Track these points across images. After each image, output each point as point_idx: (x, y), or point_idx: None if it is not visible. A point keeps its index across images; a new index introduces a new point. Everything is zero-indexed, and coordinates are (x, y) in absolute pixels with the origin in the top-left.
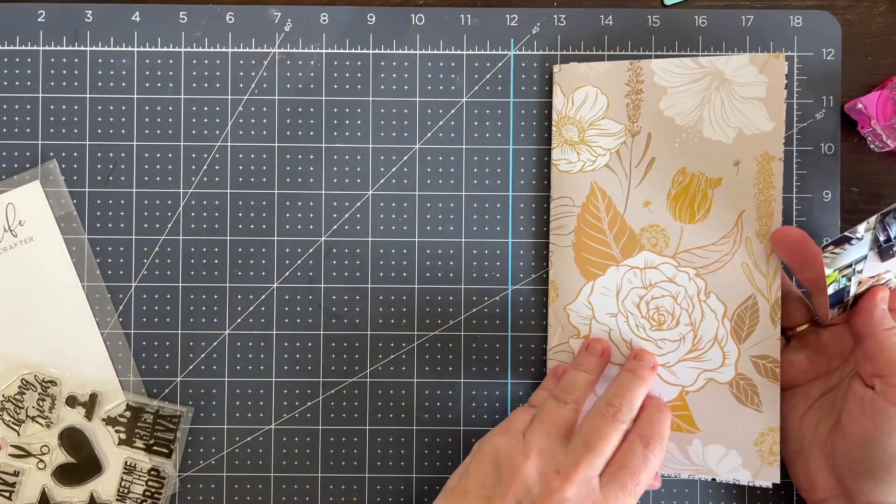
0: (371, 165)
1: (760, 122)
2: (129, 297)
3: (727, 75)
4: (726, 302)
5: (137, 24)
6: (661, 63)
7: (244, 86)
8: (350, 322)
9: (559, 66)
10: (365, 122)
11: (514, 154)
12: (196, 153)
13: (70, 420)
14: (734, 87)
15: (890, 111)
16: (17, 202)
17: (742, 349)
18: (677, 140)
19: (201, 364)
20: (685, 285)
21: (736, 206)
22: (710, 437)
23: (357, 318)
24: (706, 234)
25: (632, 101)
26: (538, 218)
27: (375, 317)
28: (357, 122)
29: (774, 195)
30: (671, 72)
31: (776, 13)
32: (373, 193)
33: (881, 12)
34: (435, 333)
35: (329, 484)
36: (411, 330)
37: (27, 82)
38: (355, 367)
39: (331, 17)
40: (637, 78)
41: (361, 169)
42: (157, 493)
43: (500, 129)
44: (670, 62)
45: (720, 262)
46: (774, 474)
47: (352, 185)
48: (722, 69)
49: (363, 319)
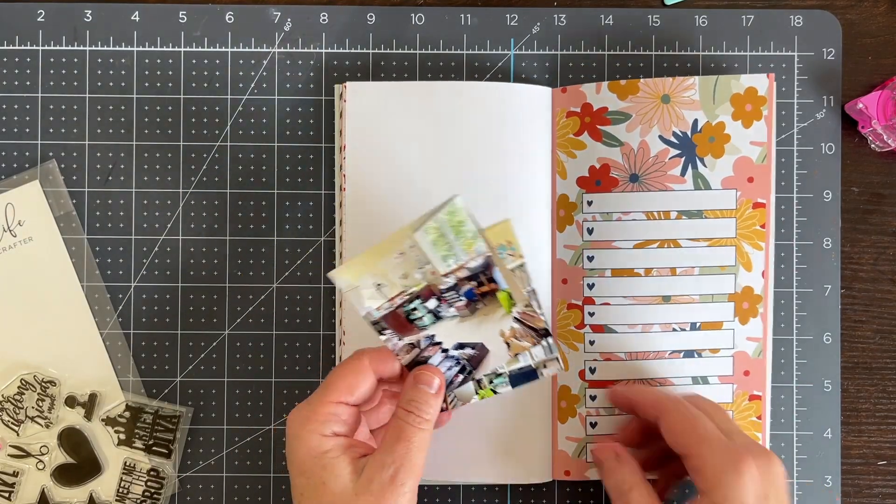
0: None
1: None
2: (129, 298)
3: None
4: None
5: (137, 24)
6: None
7: (244, 86)
8: None
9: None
10: None
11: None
12: (196, 153)
13: (69, 420)
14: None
15: (890, 111)
16: (17, 202)
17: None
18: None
19: (201, 364)
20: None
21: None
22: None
23: None
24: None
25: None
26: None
27: None
28: None
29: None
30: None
31: (776, 13)
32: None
33: (881, 12)
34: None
35: None
36: None
37: (27, 82)
38: None
39: (331, 17)
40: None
41: None
42: (156, 493)
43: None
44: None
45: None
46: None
47: None
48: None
49: None
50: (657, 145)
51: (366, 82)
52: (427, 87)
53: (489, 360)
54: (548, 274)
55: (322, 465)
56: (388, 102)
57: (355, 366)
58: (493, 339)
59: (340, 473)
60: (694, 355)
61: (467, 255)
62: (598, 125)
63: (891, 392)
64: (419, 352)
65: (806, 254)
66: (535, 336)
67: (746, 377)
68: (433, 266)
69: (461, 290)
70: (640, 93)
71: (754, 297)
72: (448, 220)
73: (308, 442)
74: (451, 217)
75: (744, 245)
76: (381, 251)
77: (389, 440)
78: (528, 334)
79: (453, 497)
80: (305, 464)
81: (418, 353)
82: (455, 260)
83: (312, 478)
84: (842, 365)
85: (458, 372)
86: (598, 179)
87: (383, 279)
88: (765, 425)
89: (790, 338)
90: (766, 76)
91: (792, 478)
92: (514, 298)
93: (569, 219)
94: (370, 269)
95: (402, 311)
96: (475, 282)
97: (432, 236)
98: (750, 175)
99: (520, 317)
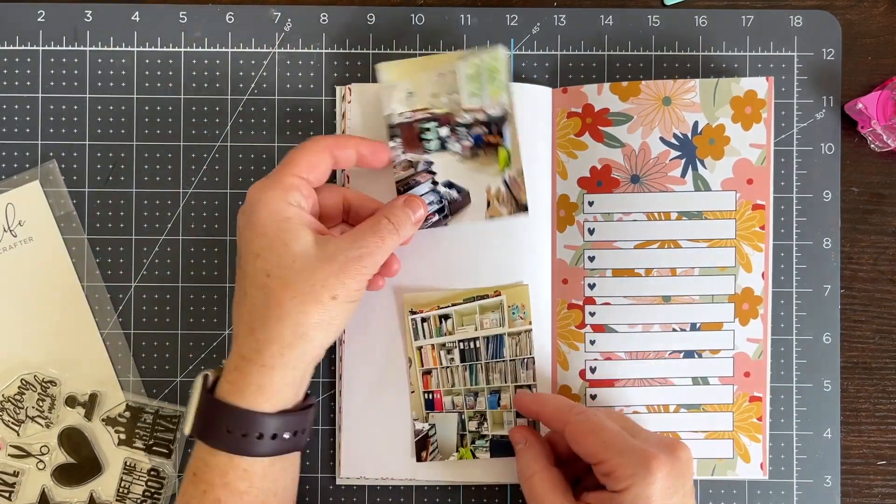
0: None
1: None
2: (129, 298)
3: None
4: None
5: (137, 24)
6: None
7: (244, 86)
8: None
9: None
10: None
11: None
12: (196, 153)
13: (70, 420)
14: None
15: (890, 111)
16: (17, 202)
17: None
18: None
19: (201, 364)
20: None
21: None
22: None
23: None
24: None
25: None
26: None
27: None
28: None
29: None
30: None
31: (776, 13)
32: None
33: (881, 12)
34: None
35: (329, 484)
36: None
37: (27, 82)
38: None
39: (331, 17)
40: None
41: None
42: (156, 493)
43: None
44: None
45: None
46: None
47: None
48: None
49: None
50: (658, 147)
51: (369, 84)
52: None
53: (467, 211)
54: (548, 274)
55: (285, 228)
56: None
57: (315, 146)
58: (478, 192)
59: (303, 239)
60: (694, 356)
61: (490, 101)
62: (600, 126)
63: (890, 392)
64: (413, 173)
65: (806, 254)
66: (514, 206)
67: (747, 378)
68: (459, 97)
69: (472, 130)
70: (642, 94)
71: (754, 298)
72: (488, 64)
73: (271, 205)
74: (492, 62)
75: (743, 246)
76: (426, 65)
77: (364, 231)
78: (509, 201)
79: (453, 497)
80: (267, 225)
81: (413, 173)
82: (479, 100)
83: (274, 240)
84: (841, 365)
85: (436, 211)
86: (600, 180)
87: (417, 89)
88: (765, 427)
89: (790, 338)
90: (766, 79)
91: (792, 478)
92: (511, 160)
93: (570, 219)
94: (411, 75)
95: (417, 127)
96: (487, 129)
97: (470, 71)
98: (749, 177)
99: (509, 181)
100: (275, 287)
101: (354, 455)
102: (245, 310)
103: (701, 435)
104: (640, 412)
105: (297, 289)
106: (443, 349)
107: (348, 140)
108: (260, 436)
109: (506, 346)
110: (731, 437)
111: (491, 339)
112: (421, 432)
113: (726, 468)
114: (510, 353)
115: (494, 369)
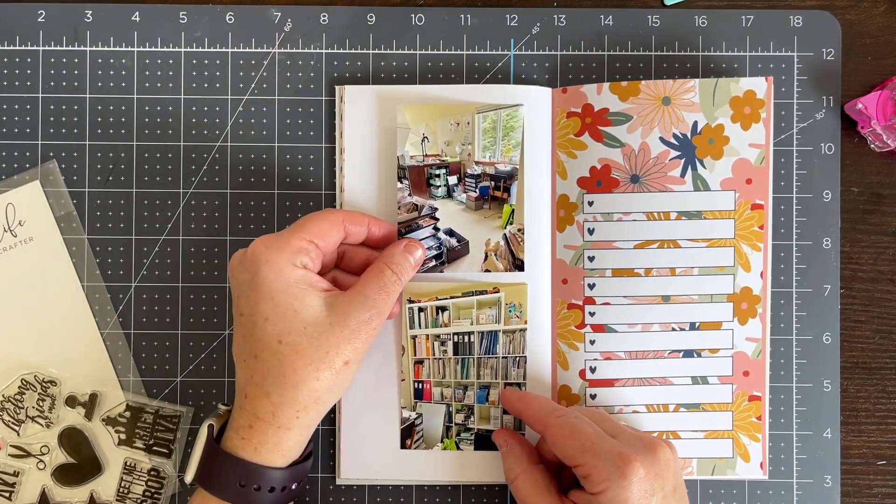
0: None
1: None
2: (129, 298)
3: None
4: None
5: (137, 24)
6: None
7: (244, 86)
8: None
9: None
10: None
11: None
12: (196, 153)
13: (70, 420)
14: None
15: (890, 111)
16: (17, 202)
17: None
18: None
19: (201, 364)
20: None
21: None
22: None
23: None
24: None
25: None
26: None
27: None
28: None
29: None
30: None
31: (776, 13)
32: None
33: (881, 12)
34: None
35: (329, 484)
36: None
37: (27, 82)
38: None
39: (331, 17)
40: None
41: None
42: (156, 493)
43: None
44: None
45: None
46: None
47: None
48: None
49: None
50: (657, 146)
51: (364, 86)
52: (426, 91)
53: (464, 261)
54: (548, 274)
55: (293, 293)
56: (387, 105)
57: (330, 216)
58: (478, 243)
59: (312, 304)
60: (693, 355)
61: (502, 157)
62: (600, 126)
63: (890, 392)
64: (417, 216)
65: (805, 254)
66: (510, 262)
67: (746, 377)
68: (472, 148)
69: (480, 183)
70: (641, 94)
71: (753, 297)
72: (505, 120)
73: (279, 267)
74: (508, 119)
75: (742, 246)
76: (444, 112)
77: (371, 288)
78: (506, 257)
79: (453, 497)
80: (275, 289)
81: (416, 216)
82: (491, 155)
83: (281, 304)
84: (841, 365)
85: (433, 257)
86: (599, 180)
87: (431, 135)
88: (764, 426)
89: (790, 338)
90: (765, 79)
91: (792, 478)
92: (514, 217)
93: (569, 219)
94: (428, 120)
95: (427, 172)
96: (495, 183)
97: (486, 124)
98: (748, 177)
99: (509, 237)
100: (288, 354)
101: (354, 455)
102: (257, 372)
103: (700, 434)
104: (639, 412)
105: (311, 356)
106: (437, 340)
107: (362, 218)
108: (271, 489)
109: (500, 342)
110: (730, 436)
111: (485, 334)
112: (407, 420)
113: (726, 468)
114: (503, 351)
115: (486, 365)
